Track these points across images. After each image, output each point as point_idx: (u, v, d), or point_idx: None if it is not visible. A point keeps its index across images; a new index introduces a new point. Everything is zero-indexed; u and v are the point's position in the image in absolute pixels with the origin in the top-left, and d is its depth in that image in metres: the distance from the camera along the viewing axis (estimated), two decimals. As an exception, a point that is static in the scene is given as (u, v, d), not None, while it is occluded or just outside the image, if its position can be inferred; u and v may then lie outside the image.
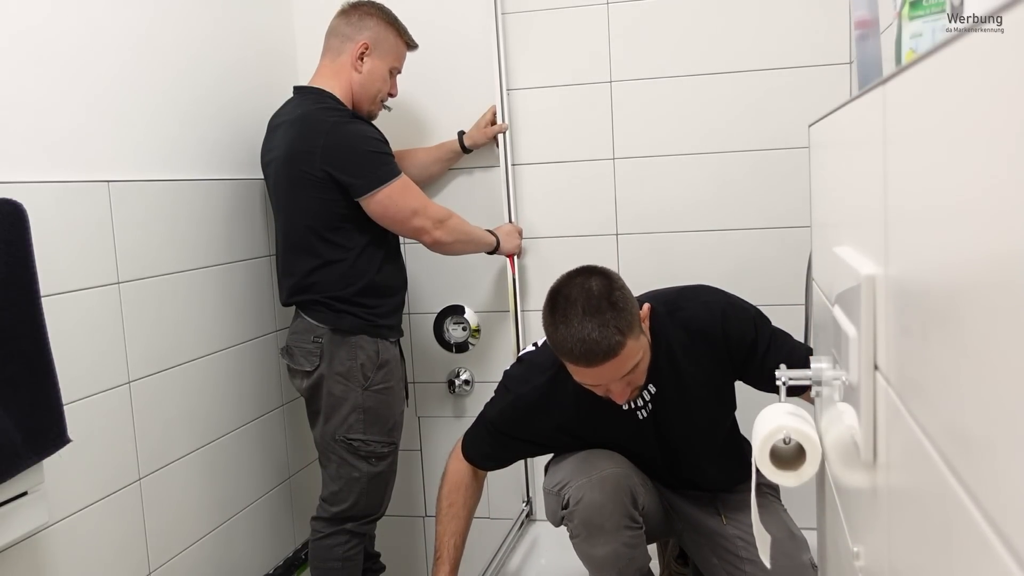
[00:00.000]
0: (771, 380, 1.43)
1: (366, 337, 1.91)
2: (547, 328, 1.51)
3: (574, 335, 1.43)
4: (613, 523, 1.58)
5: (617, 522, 1.59)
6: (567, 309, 1.46)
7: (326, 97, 1.91)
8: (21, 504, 1.30)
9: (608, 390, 1.52)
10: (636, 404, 1.66)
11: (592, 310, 1.44)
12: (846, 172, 0.87)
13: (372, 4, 2.00)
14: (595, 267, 1.54)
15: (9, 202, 1.28)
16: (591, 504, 1.59)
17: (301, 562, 2.24)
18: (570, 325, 1.44)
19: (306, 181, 1.84)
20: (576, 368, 1.49)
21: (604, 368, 1.45)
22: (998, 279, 0.38)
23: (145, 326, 1.72)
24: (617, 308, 1.45)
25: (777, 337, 1.63)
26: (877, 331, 0.68)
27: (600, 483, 1.60)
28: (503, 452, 1.79)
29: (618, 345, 1.43)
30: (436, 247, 1.98)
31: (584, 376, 1.50)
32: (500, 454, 1.80)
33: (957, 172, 0.45)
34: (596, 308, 1.44)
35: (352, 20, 1.96)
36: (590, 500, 1.59)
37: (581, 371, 1.49)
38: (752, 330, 1.62)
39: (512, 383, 1.74)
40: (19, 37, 1.45)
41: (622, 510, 1.59)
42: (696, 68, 2.18)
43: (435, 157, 2.28)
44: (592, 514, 1.59)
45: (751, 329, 1.62)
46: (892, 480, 0.63)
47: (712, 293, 1.68)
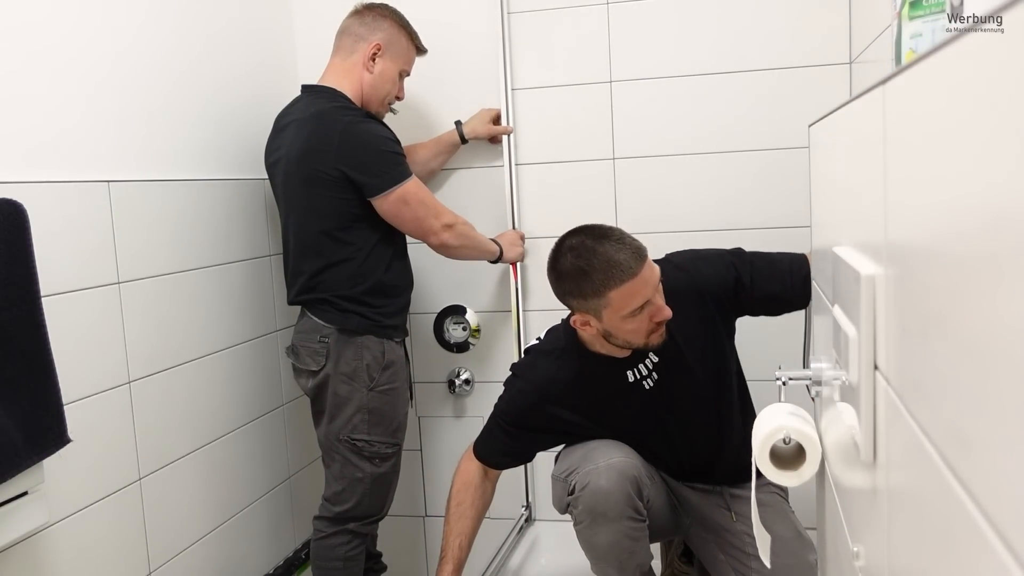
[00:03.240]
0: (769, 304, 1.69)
1: (372, 337, 1.91)
2: (575, 287, 1.56)
3: (610, 258, 1.52)
4: (616, 511, 1.59)
5: (620, 511, 1.59)
6: (585, 251, 1.54)
7: (339, 96, 1.92)
8: (21, 504, 1.30)
9: (652, 313, 1.56)
10: (641, 373, 1.69)
11: (601, 236, 1.55)
12: (846, 172, 0.88)
13: (386, 6, 2.01)
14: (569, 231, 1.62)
15: (9, 202, 1.28)
16: (596, 491, 1.59)
17: (301, 562, 2.24)
18: (598, 255, 1.53)
19: (319, 180, 1.84)
20: (623, 290, 1.52)
21: (645, 272, 1.52)
22: (998, 279, 0.38)
23: (145, 326, 1.72)
24: (613, 228, 1.58)
25: (757, 261, 1.70)
26: (877, 331, 0.68)
27: (607, 471, 1.61)
28: (516, 445, 1.79)
29: (642, 247, 1.55)
30: (442, 249, 1.98)
31: (634, 296, 1.53)
32: (514, 448, 1.80)
33: (957, 172, 0.45)
34: (603, 235, 1.56)
35: (366, 20, 1.97)
36: (595, 487, 1.60)
37: (630, 289, 1.52)
38: (731, 269, 1.68)
39: (519, 370, 1.79)
40: (19, 37, 1.45)
41: (626, 500, 1.60)
42: (696, 68, 2.18)
43: (435, 152, 2.28)
44: (596, 501, 1.59)
45: (730, 269, 1.69)
46: (892, 480, 0.63)
47: (679, 255, 1.75)
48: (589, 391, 1.69)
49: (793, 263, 1.67)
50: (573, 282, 1.55)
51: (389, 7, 2.02)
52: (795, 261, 1.67)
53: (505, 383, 1.81)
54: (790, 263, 1.67)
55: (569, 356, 1.68)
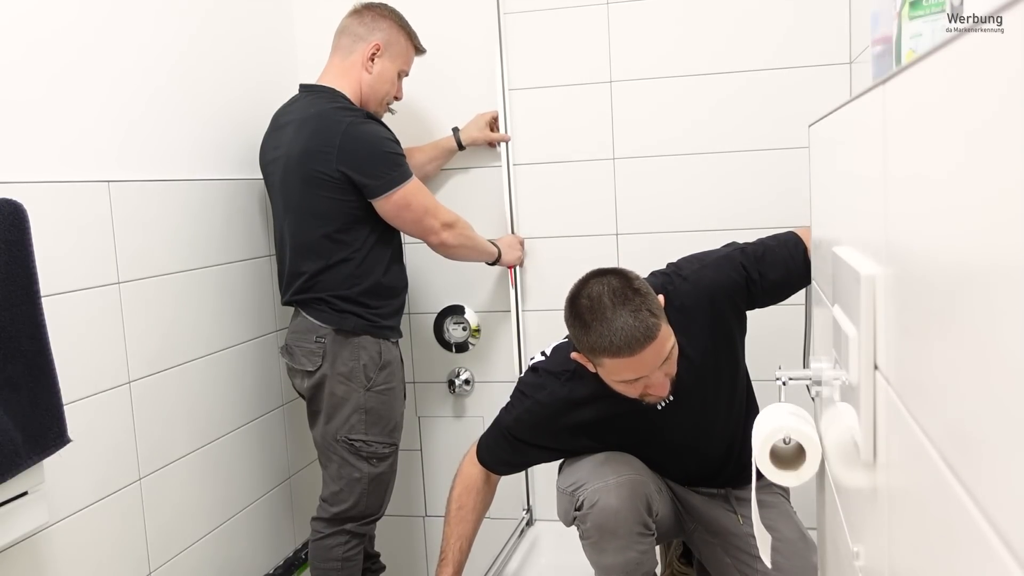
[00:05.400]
0: (778, 292, 1.68)
1: (369, 338, 1.91)
2: (578, 333, 1.50)
3: (611, 327, 1.44)
4: (626, 529, 1.58)
5: (630, 528, 1.58)
6: (596, 307, 1.46)
7: (338, 96, 1.92)
8: (21, 504, 1.30)
9: (648, 385, 1.51)
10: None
11: (621, 300, 1.45)
12: (846, 172, 0.87)
13: (385, 6, 2.01)
14: (605, 268, 1.55)
15: (9, 202, 1.28)
16: (606, 509, 1.58)
17: (301, 562, 2.24)
18: (605, 320, 1.44)
19: (320, 181, 1.84)
20: (617, 363, 1.47)
21: (646, 354, 1.45)
22: (998, 279, 0.38)
23: (145, 326, 1.72)
24: (642, 294, 1.47)
25: (758, 252, 1.67)
26: (877, 331, 0.68)
27: (617, 488, 1.59)
28: (520, 458, 1.79)
29: (655, 327, 1.45)
30: (441, 249, 1.98)
31: (626, 370, 1.48)
32: (516, 460, 1.80)
33: (957, 172, 0.45)
34: (624, 298, 1.46)
35: (366, 21, 1.97)
36: (605, 504, 1.58)
37: (623, 364, 1.47)
38: (740, 270, 1.65)
39: (529, 389, 1.73)
40: (19, 37, 1.45)
41: (636, 517, 1.58)
42: (696, 68, 2.18)
43: (431, 156, 2.28)
44: (606, 519, 1.58)
45: (739, 270, 1.65)
46: (892, 480, 0.63)
47: (688, 265, 1.69)
48: (600, 414, 1.66)
49: (788, 245, 1.67)
50: (577, 328, 1.51)
51: (388, 7, 2.02)
52: (789, 242, 1.67)
53: (512, 396, 1.77)
54: (785, 245, 1.67)
55: (579, 379, 1.63)
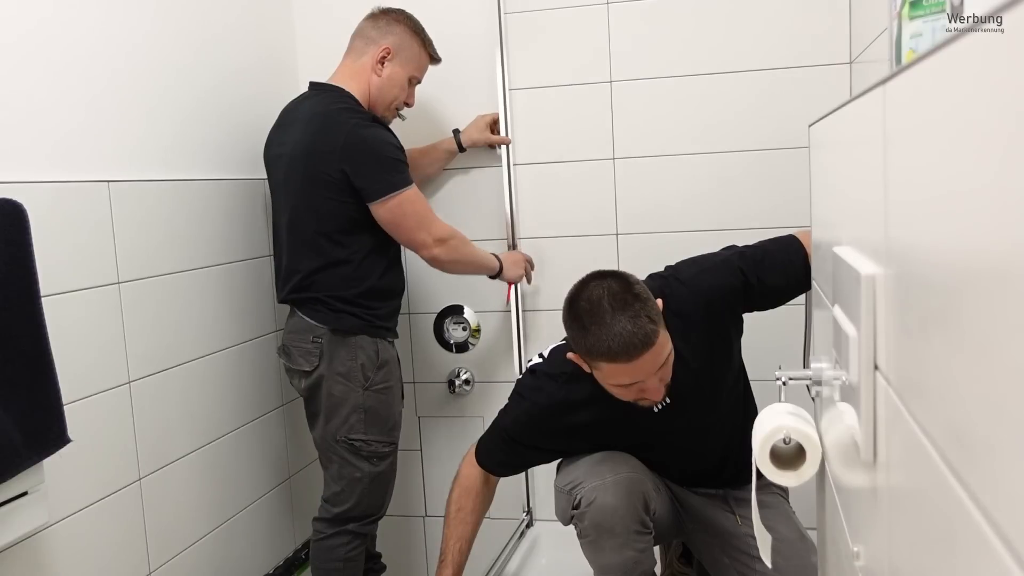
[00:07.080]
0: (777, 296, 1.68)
1: (366, 337, 1.91)
2: (575, 335, 1.50)
3: (609, 332, 1.43)
4: (624, 527, 1.58)
5: (628, 527, 1.58)
6: (594, 311, 1.46)
7: (346, 97, 1.92)
8: (21, 504, 1.30)
9: (643, 389, 1.51)
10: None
11: (620, 305, 1.45)
12: (846, 172, 0.87)
13: (401, 12, 2.02)
14: (605, 270, 1.55)
15: (9, 202, 1.28)
16: (603, 507, 1.58)
17: (301, 562, 2.24)
18: (603, 324, 1.44)
19: (322, 181, 1.84)
20: (614, 367, 1.47)
21: (643, 361, 1.45)
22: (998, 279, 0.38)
23: (145, 326, 1.72)
24: (642, 299, 1.47)
25: (757, 256, 1.66)
26: (877, 331, 0.68)
27: (614, 486, 1.59)
28: (518, 459, 1.79)
29: (653, 333, 1.44)
30: (433, 263, 1.97)
31: (622, 375, 1.48)
32: (515, 461, 1.80)
33: (957, 172, 0.45)
34: (623, 302, 1.45)
35: (379, 24, 1.98)
36: (602, 503, 1.58)
37: (619, 369, 1.47)
38: (738, 274, 1.64)
39: (526, 391, 1.73)
40: (19, 37, 1.45)
41: (634, 515, 1.59)
42: (696, 68, 2.18)
43: (432, 158, 2.28)
44: (604, 517, 1.58)
45: (737, 274, 1.64)
46: (892, 480, 0.63)
47: (686, 270, 1.68)
48: (597, 416, 1.66)
49: (787, 249, 1.66)
50: (575, 330, 1.50)
51: (405, 13, 2.02)
52: (789, 247, 1.66)
53: (510, 398, 1.77)
54: (785, 250, 1.66)
55: (577, 381, 1.63)
